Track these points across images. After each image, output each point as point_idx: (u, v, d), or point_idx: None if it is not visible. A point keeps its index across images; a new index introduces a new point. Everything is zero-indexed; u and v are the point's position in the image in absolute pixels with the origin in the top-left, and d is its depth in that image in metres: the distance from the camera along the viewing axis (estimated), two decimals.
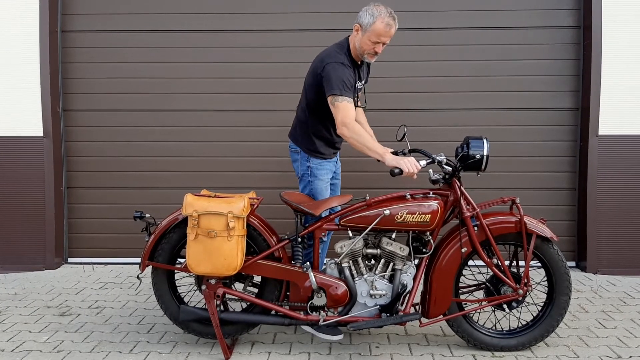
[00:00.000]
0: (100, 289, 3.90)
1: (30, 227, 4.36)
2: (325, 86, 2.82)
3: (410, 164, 2.62)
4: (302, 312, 2.74)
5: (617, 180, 4.19)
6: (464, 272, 2.91)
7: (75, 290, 3.89)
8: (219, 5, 4.37)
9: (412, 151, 2.97)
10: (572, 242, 4.40)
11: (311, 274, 2.72)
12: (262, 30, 4.37)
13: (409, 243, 2.76)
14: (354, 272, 2.77)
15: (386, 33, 2.81)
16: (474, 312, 2.87)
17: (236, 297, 2.82)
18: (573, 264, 4.40)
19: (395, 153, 3.03)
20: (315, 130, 3.04)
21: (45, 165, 4.32)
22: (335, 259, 2.77)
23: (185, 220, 2.75)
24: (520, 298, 2.77)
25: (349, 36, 2.96)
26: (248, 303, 2.91)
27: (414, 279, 2.75)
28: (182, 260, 2.86)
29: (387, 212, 2.67)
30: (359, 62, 2.98)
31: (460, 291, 2.86)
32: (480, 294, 3.05)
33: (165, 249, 2.83)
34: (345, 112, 2.77)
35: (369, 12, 2.81)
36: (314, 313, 2.75)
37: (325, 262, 2.87)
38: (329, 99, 2.82)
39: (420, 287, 2.86)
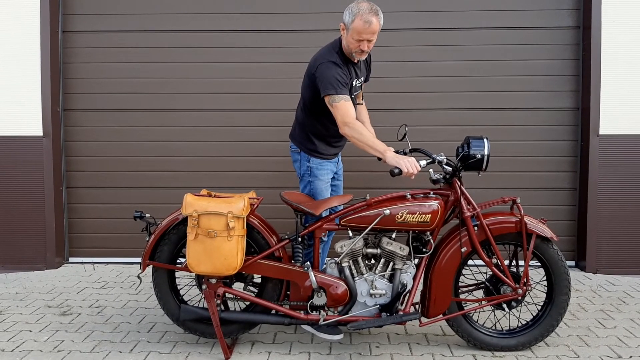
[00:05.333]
0: (101, 289, 3.90)
1: (30, 227, 4.36)
2: (320, 86, 2.82)
3: (410, 164, 2.62)
4: (302, 312, 2.75)
5: (617, 180, 4.19)
6: (464, 271, 2.91)
7: (75, 289, 3.89)
8: (220, 5, 4.37)
9: (413, 151, 2.98)
10: (572, 242, 4.40)
11: (311, 274, 2.72)
12: (262, 31, 4.37)
13: (409, 243, 2.76)
14: (354, 271, 2.78)
15: (366, 30, 2.75)
16: (473, 311, 2.88)
17: (237, 297, 2.82)
18: (572, 263, 4.40)
19: (395, 152, 3.03)
20: (313, 129, 3.04)
21: (45, 165, 4.32)
22: (335, 259, 2.77)
23: (185, 220, 2.75)
24: (519, 298, 2.77)
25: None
26: (248, 302, 2.91)
27: (414, 278, 2.75)
28: (182, 259, 2.87)
29: (387, 212, 2.67)
30: (356, 60, 2.97)
31: (459, 291, 2.87)
32: (479, 294, 3.05)
33: (166, 249, 2.83)
34: (345, 111, 2.77)
35: (349, 11, 2.79)
36: (314, 312, 2.75)
37: (325, 261, 2.87)
38: (326, 99, 2.81)
39: (420, 287, 2.86)
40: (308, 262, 2.76)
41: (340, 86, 2.78)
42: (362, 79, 3.11)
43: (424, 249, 2.78)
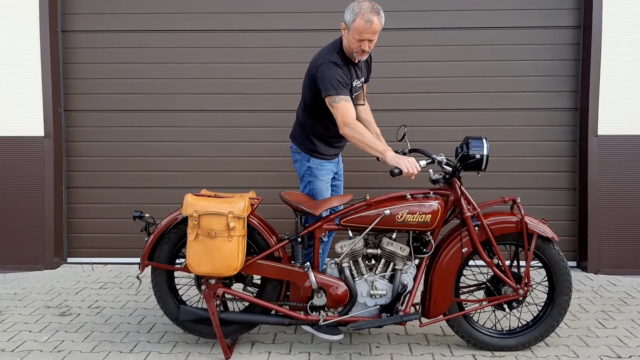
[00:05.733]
0: (100, 289, 3.90)
1: (30, 227, 4.36)
2: (321, 86, 2.81)
3: (410, 165, 2.62)
4: (302, 312, 2.74)
5: (617, 180, 4.19)
6: (465, 272, 2.91)
7: (75, 290, 3.89)
8: (220, 5, 4.37)
9: (413, 151, 2.98)
10: (573, 242, 4.40)
11: (311, 274, 2.72)
12: (263, 30, 4.37)
13: (409, 243, 2.76)
14: (354, 272, 2.77)
15: (367, 30, 2.74)
16: (474, 312, 2.87)
17: (236, 297, 2.82)
18: (574, 263, 4.40)
19: (395, 153, 3.03)
20: (313, 130, 3.04)
21: (45, 165, 4.32)
22: (335, 259, 2.77)
23: (184, 220, 2.74)
24: (520, 298, 2.77)
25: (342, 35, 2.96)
26: (248, 303, 2.91)
27: (414, 279, 2.75)
28: (182, 260, 2.86)
29: (387, 212, 2.67)
30: (356, 61, 2.97)
31: (460, 291, 2.86)
32: (480, 294, 3.05)
33: (165, 249, 2.82)
34: (345, 111, 2.77)
35: (350, 10, 2.78)
36: (314, 313, 2.75)
37: (325, 262, 2.87)
38: (327, 99, 2.81)
39: (421, 287, 2.86)
40: (308, 263, 2.75)
41: (340, 87, 2.78)
42: (363, 79, 3.11)
43: (424, 249, 2.78)
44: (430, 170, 2.84)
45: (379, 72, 4.03)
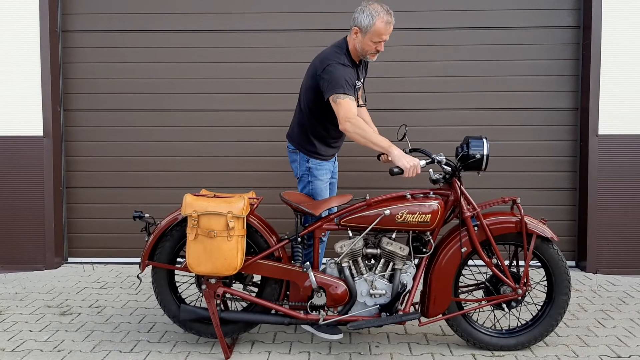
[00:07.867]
0: (101, 289, 3.90)
1: (30, 227, 4.36)
2: (327, 86, 2.81)
3: (412, 168, 2.61)
4: (302, 312, 2.75)
5: (617, 180, 4.19)
6: (464, 271, 2.91)
7: (75, 289, 3.90)
8: (219, 5, 4.37)
9: (413, 151, 2.98)
10: (572, 242, 4.40)
11: (311, 274, 2.72)
12: (262, 30, 4.37)
13: (409, 243, 2.76)
14: (354, 271, 2.78)
15: (386, 31, 2.82)
16: (473, 311, 2.88)
17: (236, 297, 2.82)
18: (573, 263, 4.40)
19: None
20: (314, 131, 3.04)
21: (45, 165, 4.32)
22: (335, 259, 2.77)
23: (185, 220, 2.75)
24: (519, 298, 2.78)
25: (346, 36, 2.96)
26: (248, 302, 2.91)
27: (414, 278, 2.75)
28: (182, 259, 2.87)
29: (387, 212, 2.68)
30: (358, 62, 2.99)
31: (459, 291, 2.87)
32: (479, 294, 3.05)
33: (165, 248, 2.83)
34: (348, 108, 2.77)
35: (367, 14, 2.80)
36: (314, 312, 2.75)
37: (325, 261, 2.87)
38: (331, 97, 2.80)
39: (420, 287, 2.86)
40: (308, 262, 2.75)
41: (347, 86, 2.79)
42: (362, 80, 3.12)
43: (424, 249, 2.78)
44: (431, 170, 2.84)
45: (379, 72, 4.04)
